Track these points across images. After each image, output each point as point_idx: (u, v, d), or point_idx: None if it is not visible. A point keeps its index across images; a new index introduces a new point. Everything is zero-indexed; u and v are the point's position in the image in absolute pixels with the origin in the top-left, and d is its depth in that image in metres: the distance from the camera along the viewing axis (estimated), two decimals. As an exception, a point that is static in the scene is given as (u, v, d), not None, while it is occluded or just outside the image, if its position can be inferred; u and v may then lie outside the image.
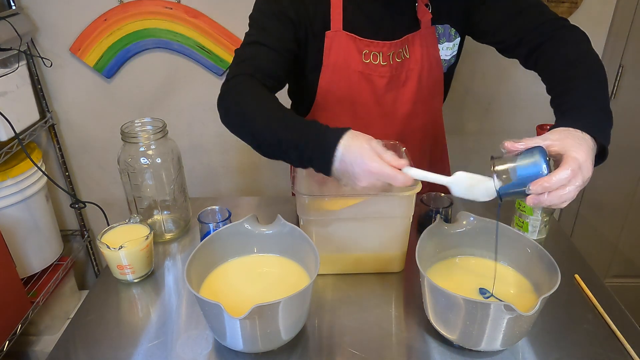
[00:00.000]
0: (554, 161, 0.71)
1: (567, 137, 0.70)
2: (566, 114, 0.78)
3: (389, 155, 0.74)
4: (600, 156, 0.75)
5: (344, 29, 1.00)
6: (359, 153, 0.73)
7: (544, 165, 0.66)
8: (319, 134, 0.78)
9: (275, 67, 0.95)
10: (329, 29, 1.00)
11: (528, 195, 0.68)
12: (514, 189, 0.69)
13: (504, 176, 0.69)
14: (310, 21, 0.99)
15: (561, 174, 0.65)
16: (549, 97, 0.87)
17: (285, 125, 0.82)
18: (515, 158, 0.69)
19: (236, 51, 0.96)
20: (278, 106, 0.85)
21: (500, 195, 0.71)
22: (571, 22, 0.93)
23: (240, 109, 0.87)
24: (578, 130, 0.72)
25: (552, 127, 0.75)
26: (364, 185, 0.75)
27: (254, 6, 1.00)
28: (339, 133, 0.76)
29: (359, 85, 1.05)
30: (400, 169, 0.74)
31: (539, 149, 0.68)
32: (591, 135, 0.72)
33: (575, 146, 0.69)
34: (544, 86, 0.90)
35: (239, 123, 0.87)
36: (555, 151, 0.70)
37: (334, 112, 1.09)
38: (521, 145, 0.70)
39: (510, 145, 0.70)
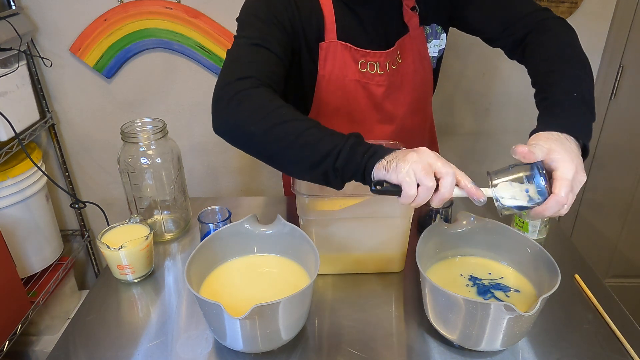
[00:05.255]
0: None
1: (552, 147, 0.68)
2: (546, 110, 0.78)
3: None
4: (582, 152, 0.74)
5: (338, 39, 0.99)
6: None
7: (544, 184, 0.66)
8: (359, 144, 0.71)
9: (279, 73, 0.89)
10: (323, 39, 0.98)
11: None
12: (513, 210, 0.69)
13: (504, 195, 0.69)
14: (304, 31, 0.96)
15: (554, 202, 0.65)
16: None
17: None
18: (509, 172, 0.68)
19: (233, 52, 0.87)
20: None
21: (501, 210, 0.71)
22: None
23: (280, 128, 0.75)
24: (559, 134, 0.71)
25: (534, 130, 0.74)
26: (404, 169, 0.65)
27: (243, 10, 0.93)
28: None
29: (355, 94, 1.05)
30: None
31: (537, 166, 0.67)
32: (572, 136, 0.72)
33: (564, 161, 0.67)
34: None
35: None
36: (546, 166, 0.68)
37: (331, 119, 1.07)
38: (534, 155, 0.67)
39: (521, 151, 0.67)
